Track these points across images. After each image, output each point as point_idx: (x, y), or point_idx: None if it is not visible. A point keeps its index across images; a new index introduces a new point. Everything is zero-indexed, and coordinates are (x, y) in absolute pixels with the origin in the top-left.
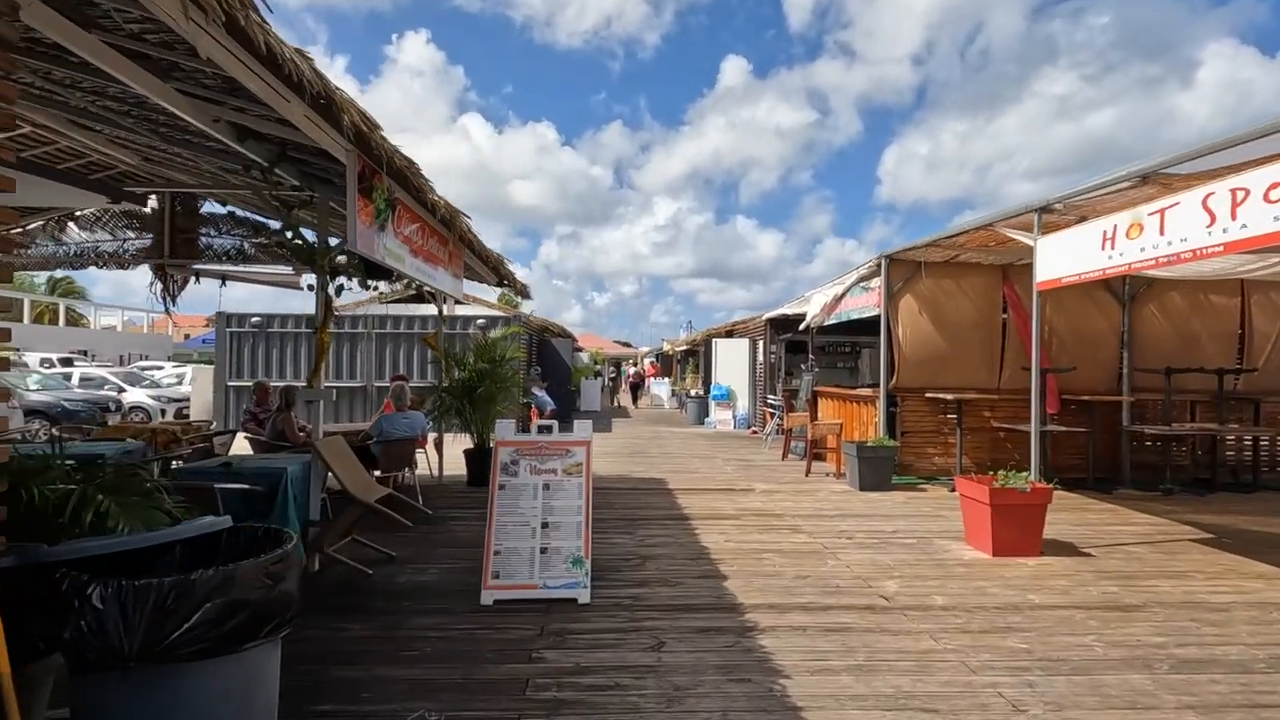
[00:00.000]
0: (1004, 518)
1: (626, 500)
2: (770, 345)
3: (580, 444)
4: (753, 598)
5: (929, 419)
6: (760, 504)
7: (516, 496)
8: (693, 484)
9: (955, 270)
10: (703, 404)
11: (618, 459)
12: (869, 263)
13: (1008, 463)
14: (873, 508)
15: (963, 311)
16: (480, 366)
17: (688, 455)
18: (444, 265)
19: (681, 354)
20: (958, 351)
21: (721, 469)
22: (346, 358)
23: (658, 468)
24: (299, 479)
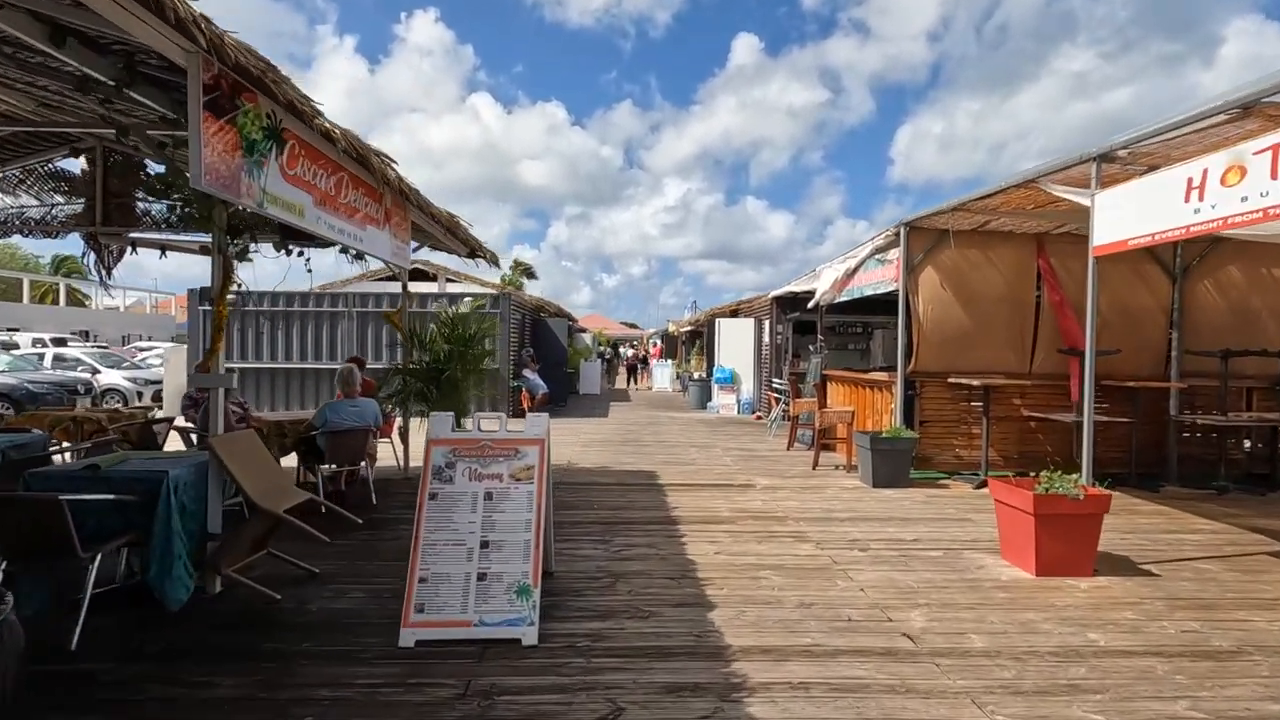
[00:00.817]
0: (1051, 530)
1: (608, 499)
2: (777, 325)
3: (532, 443)
4: (743, 637)
5: (951, 407)
6: (761, 504)
7: (451, 508)
8: (686, 478)
9: (983, 240)
10: (705, 387)
11: (608, 448)
12: (886, 232)
13: (1038, 456)
14: (889, 509)
15: (991, 287)
16: (444, 347)
17: (685, 444)
18: (378, 225)
19: (686, 335)
20: (985, 332)
21: (720, 460)
22: (326, 339)
23: (650, 458)
24: (190, 484)
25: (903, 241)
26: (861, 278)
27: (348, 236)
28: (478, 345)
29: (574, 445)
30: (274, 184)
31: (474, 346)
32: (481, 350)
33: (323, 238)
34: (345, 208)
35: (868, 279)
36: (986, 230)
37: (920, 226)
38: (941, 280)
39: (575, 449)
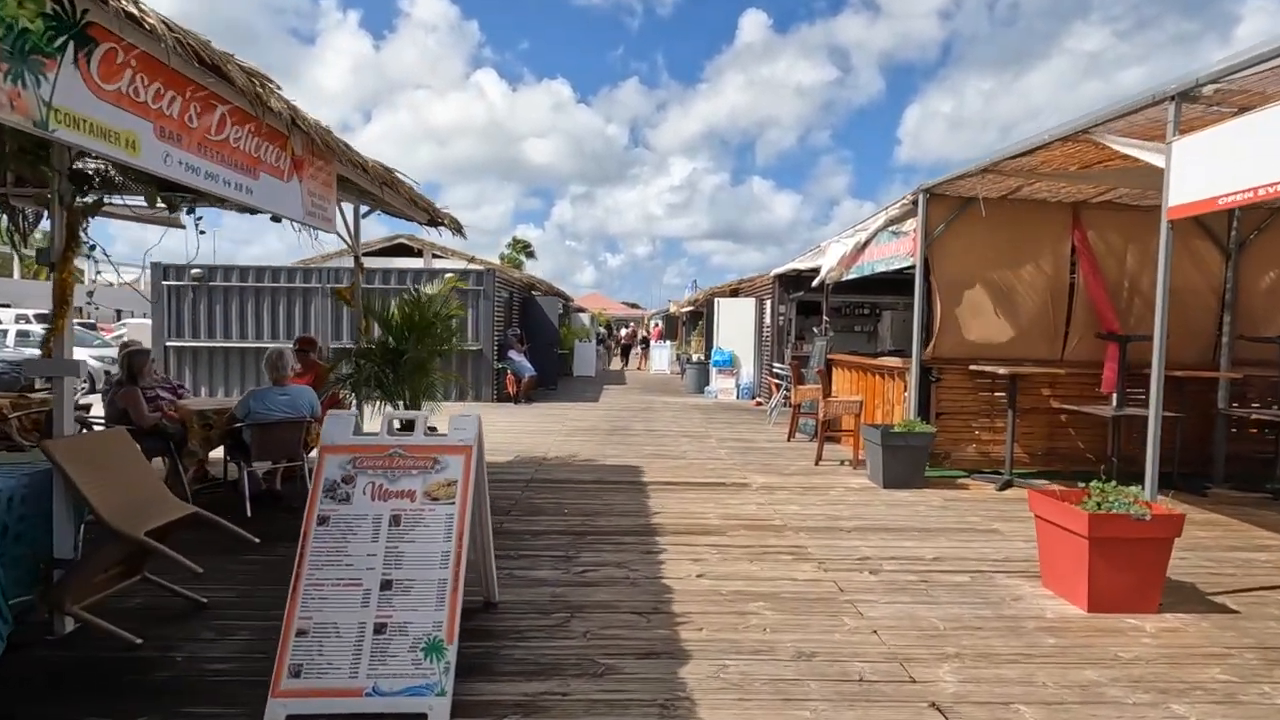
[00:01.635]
0: (1109, 557)
1: (582, 501)
2: (779, 305)
3: (457, 450)
4: (723, 708)
5: (971, 397)
6: (755, 508)
7: (345, 536)
8: (675, 475)
9: (1012, 210)
10: (702, 371)
11: (592, 438)
12: (902, 200)
13: (1069, 453)
14: (902, 515)
15: (1020, 263)
16: (403, 328)
17: (677, 433)
18: (281, 176)
19: (687, 316)
20: (1012, 314)
21: (714, 453)
22: (300, 316)
23: (637, 450)
24: (22, 498)
25: (921, 211)
26: (873, 252)
27: (231, 187)
28: (443, 325)
29: (556, 434)
30: (74, 99)
31: (438, 327)
32: (447, 331)
33: (194, 188)
34: (222, 148)
35: (880, 254)
36: (1016, 198)
37: (942, 194)
38: (964, 255)
39: (556, 439)
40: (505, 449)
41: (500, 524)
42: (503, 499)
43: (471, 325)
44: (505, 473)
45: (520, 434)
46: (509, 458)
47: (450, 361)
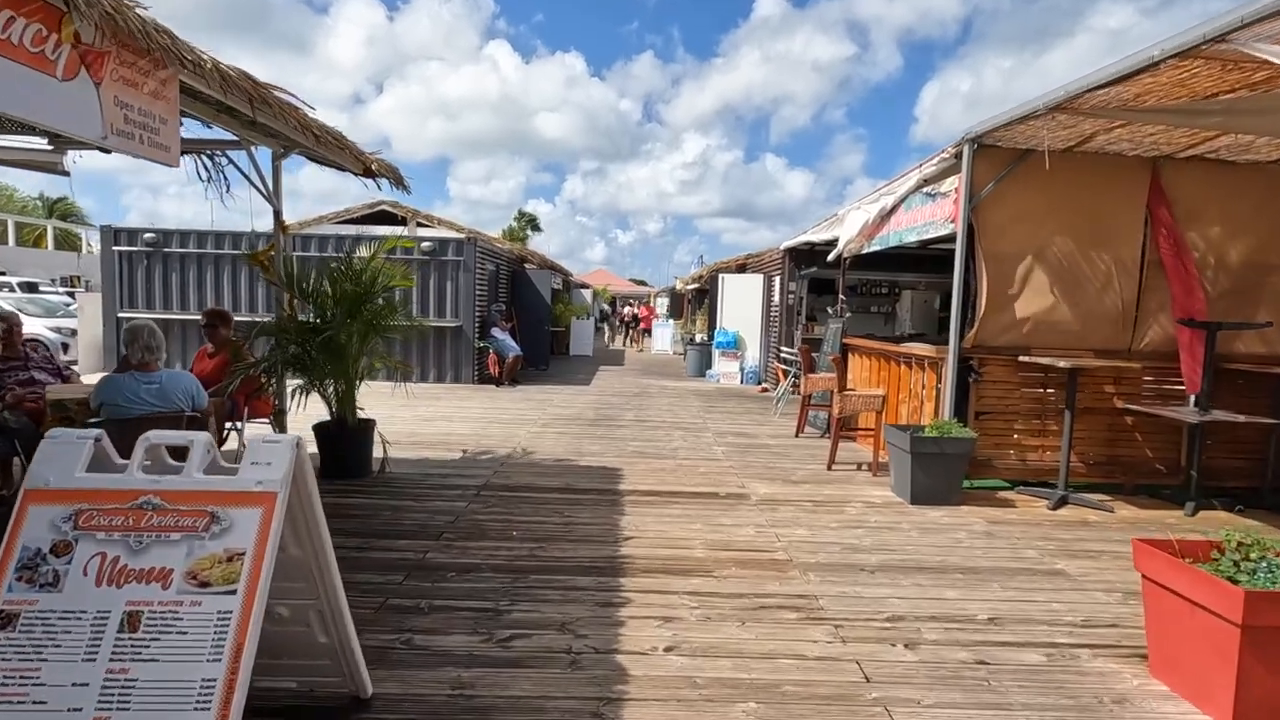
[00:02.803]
0: (1273, 656)
1: (536, 520)
2: (789, 282)
3: (250, 499)
4: None
5: (1018, 394)
6: (754, 531)
7: (39, 650)
8: (660, 480)
9: (1077, 166)
10: (705, 352)
11: (573, 429)
12: (942, 153)
13: (1134, 463)
14: (939, 545)
15: (1084, 231)
16: (328, 298)
17: (669, 425)
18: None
19: (693, 293)
20: (1071, 294)
21: (710, 451)
22: (266, 287)
23: (621, 446)
24: None
25: (966, 166)
26: (901, 218)
27: None
28: (380, 298)
29: (532, 424)
30: None
31: (373, 300)
32: (390, 305)
33: None
34: None
35: (910, 220)
36: (1085, 151)
37: (993, 144)
38: (1017, 221)
39: (531, 429)
40: (467, 442)
41: (423, 556)
42: (441, 515)
43: (450, 300)
44: (457, 475)
45: (491, 423)
46: (469, 453)
47: (396, 341)
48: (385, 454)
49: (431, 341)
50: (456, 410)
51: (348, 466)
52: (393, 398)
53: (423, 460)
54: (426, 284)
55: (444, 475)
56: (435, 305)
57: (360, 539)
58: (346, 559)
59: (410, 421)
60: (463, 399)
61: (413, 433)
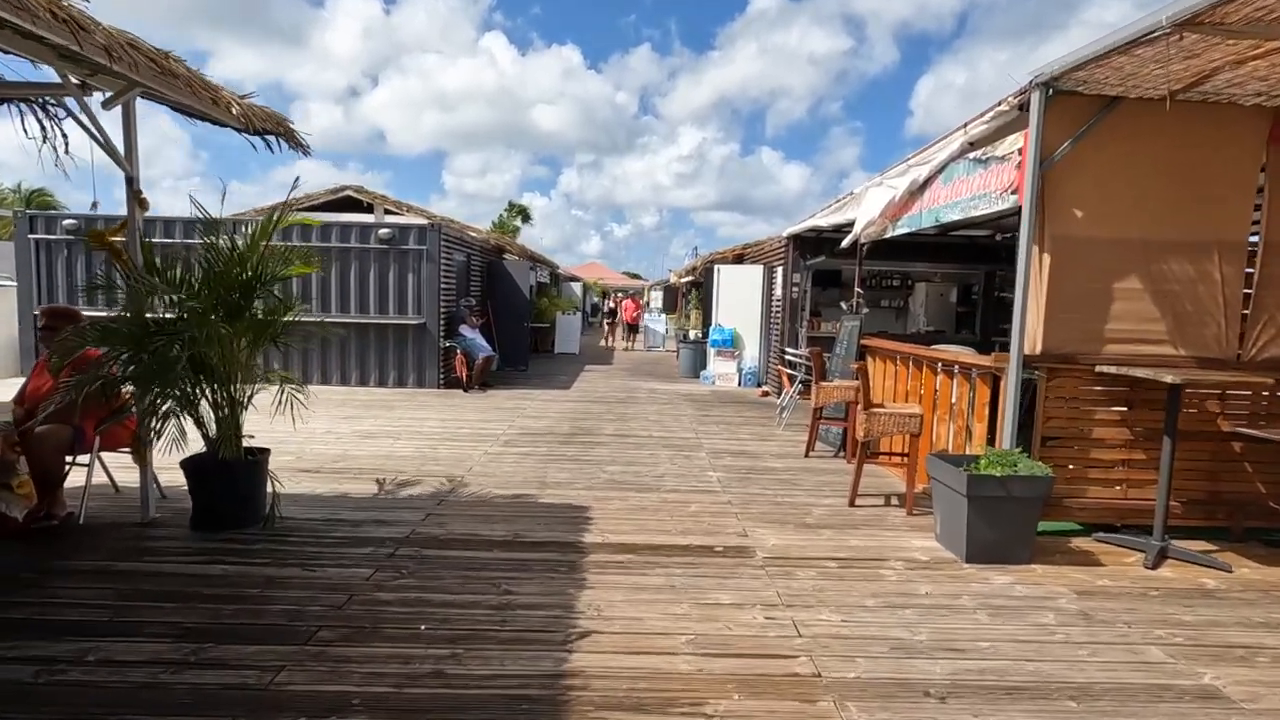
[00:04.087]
0: None
1: (461, 600)
2: (792, 274)
3: None
4: None
5: (1095, 414)
6: (762, 618)
7: None
8: (639, 525)
9: (1179, 119)
10: (699, 351)
11: (538, 448)
12: (996, 106)
13: (1244, 500)
14: (1025, 642)
15: (1181, 206)
16: (197, 287)
17: (656, 441)
18: None
19: (687, 286)
20: (1163, 288)
21: (703, 477)
22: None
23: (595, 473)
24: None
25: (1036, 118)
26: (939, 193)
27: None
28: (262, 288)
29: (493, 441)
30: None
31: (260, 292)
32: (287, 300)
33: None
34: None
35: (951, 194)
36: (1188, 102)
37: (1072, 89)
38: (1097, 192)
39: (490, 449)
40: (407, 467)
41: (270, 681)
42: (329, 593)
43: (412, 294)
44: (377, 521)
45: (445, 439)
46: (403, 485)
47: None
48: (275, 497)
49: (391, 341)
50: (409, 423)
51: (224, 515)
52: (342, 407)
53: (340, 498)
54: (385, 277)
55: (359, 522)
56: (395, 300)
57: (191, 643)
58: (148, 688)
59: (347, 440)
60: (420, 408)
61: (343, 456)
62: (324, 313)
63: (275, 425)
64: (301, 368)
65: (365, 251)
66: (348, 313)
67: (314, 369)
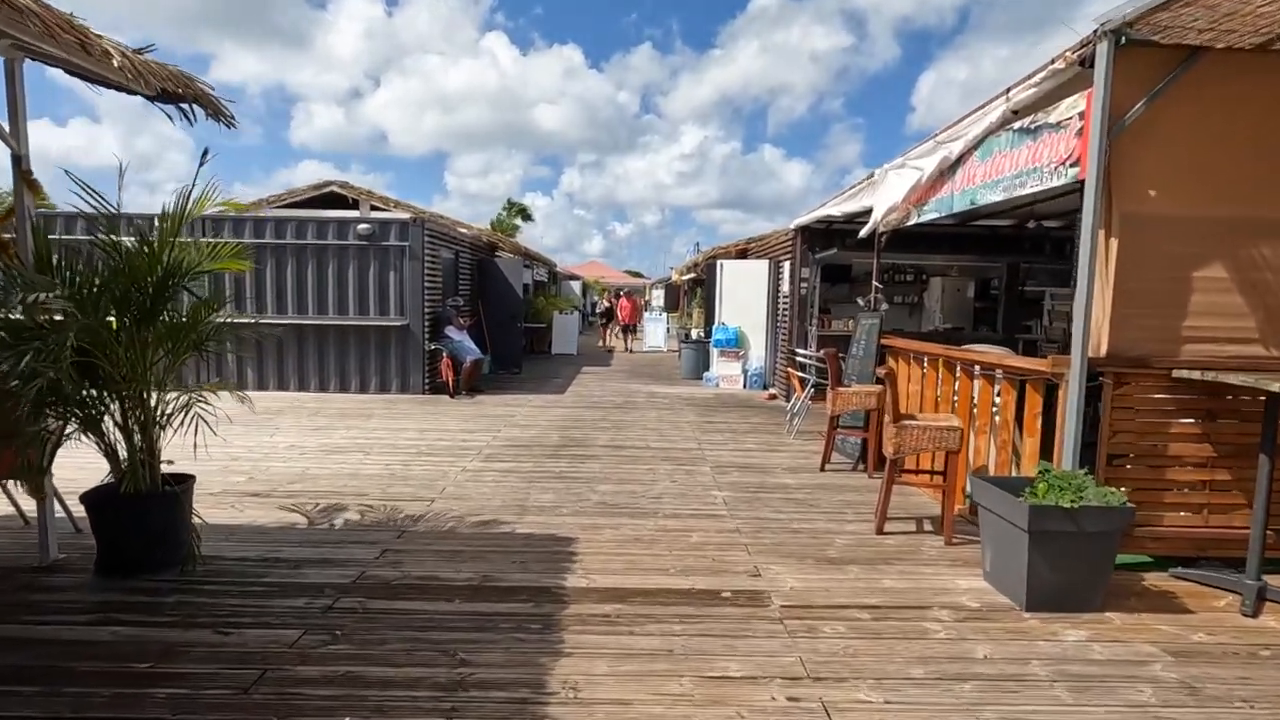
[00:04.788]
0: None
1: (403, 677)
2: (801, 268)
3: None
4: None
5: (1171, 426)
6: (783, 699)
7: None
8: (631, 563)
9: (1275, 76)
10: (701, 351)
11: (522, 464)
12: (1050, 64)
13: None
14: None
15: (1276, 181)
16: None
17: (656, 453)
18: None
19: (688, 284)
20: (1252, 277)
21: (707, 498)
22: None
23: (584, 495)
24: None
25: (1103, 74)
26: (976, 170)
27: None
28: (166, 292)
29: (473, 455)
30: None
31: (175, 292)
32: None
33: None
34: None
35: (991, 170)
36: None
37: (1148, 40)
38: (1175, 163)
39: (469, 465)
40: (370, 489)
41: None
42: (238, 667)
43: (394, 293)
44: (320, 561)
45: (420, 454)
46: (363, 511)
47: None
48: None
49: (372, 344)
50: (384, 435)
51: (133, 558)
52: (314, 416)
53: (286, 529)
54: (364, 275)
55: (300, 562)
56: (376, 300)
57: None
58: None
59: (311, 455)
60: (400, 417)
61: (302, 475)
62: (300, 314)
63: (233, 439)
64: (276, 374)
65: (344, 249)
66: (325, 314)
67: (289, 375)
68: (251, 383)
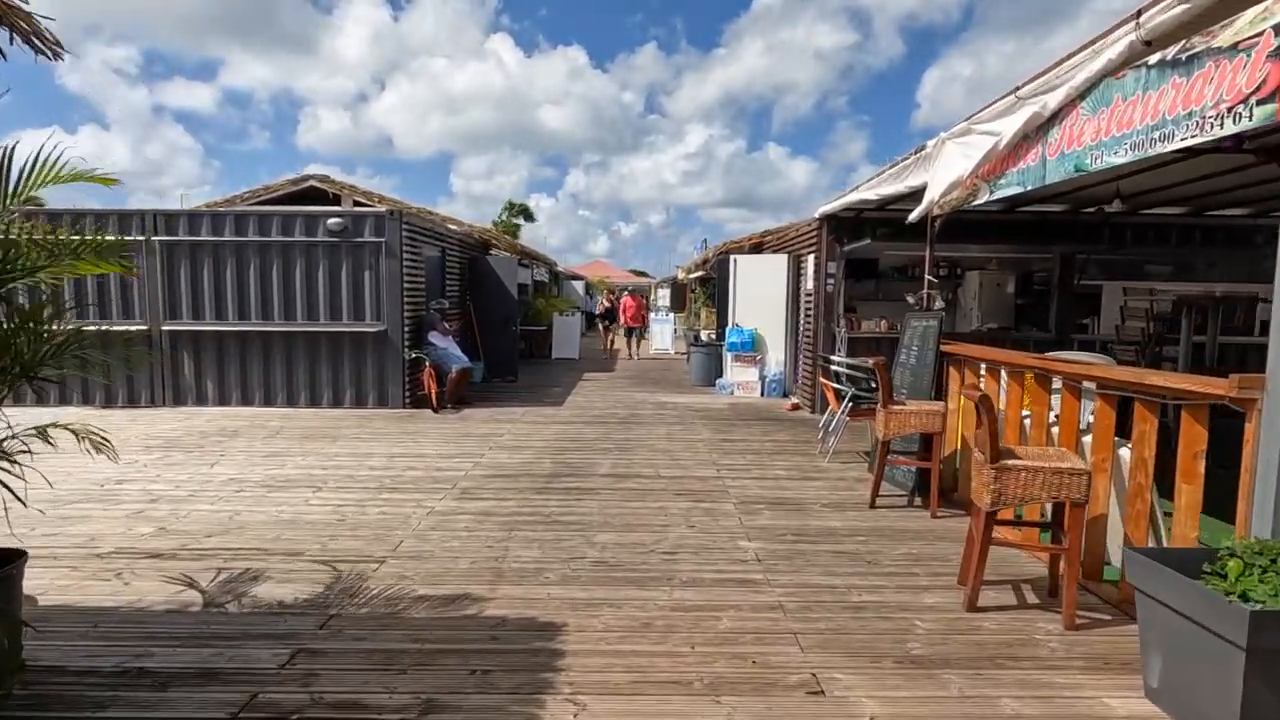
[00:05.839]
0: None
1: None
2: (827, 262)
3: None
4: None
5: None
6: None
7: None
8: (634, 679)
9: None
10: (713, 356)
11: (505, 502)
12: None
13: None
14: None
15: None
16: None
17: (667, 485)
18: None
19: (695, 282)
20: None
21: (735, 551)
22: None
23: (577, 551)
24: None
25: None
26: (1082, 128)
27: None
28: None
29: (447, 491)
30: None
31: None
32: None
33: None
34: None
35: (1107, 126)
36: None
37: None
38: None
39: (441, 504)
40: (304, 545)
41: None
42: None
43: (370, 295)
44: (213, 664)
45: (383, 488)
46: (286, 580)
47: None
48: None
49: (346, 353)
50: (345, 462)
51: None
52: (272, 439)
53: (174, 614)
54: (336, 275)
55: (171, 676)
56: (350, 304)
57: None
58: None
59: (249, 492)
60: (371, 437)
61: (227, 523)
62: (265, 320)
63: (165, 473)
64: (239, 388)
65: (312, 247)
66: (293, 320)
67: (254, 389)
68: (211, 398)
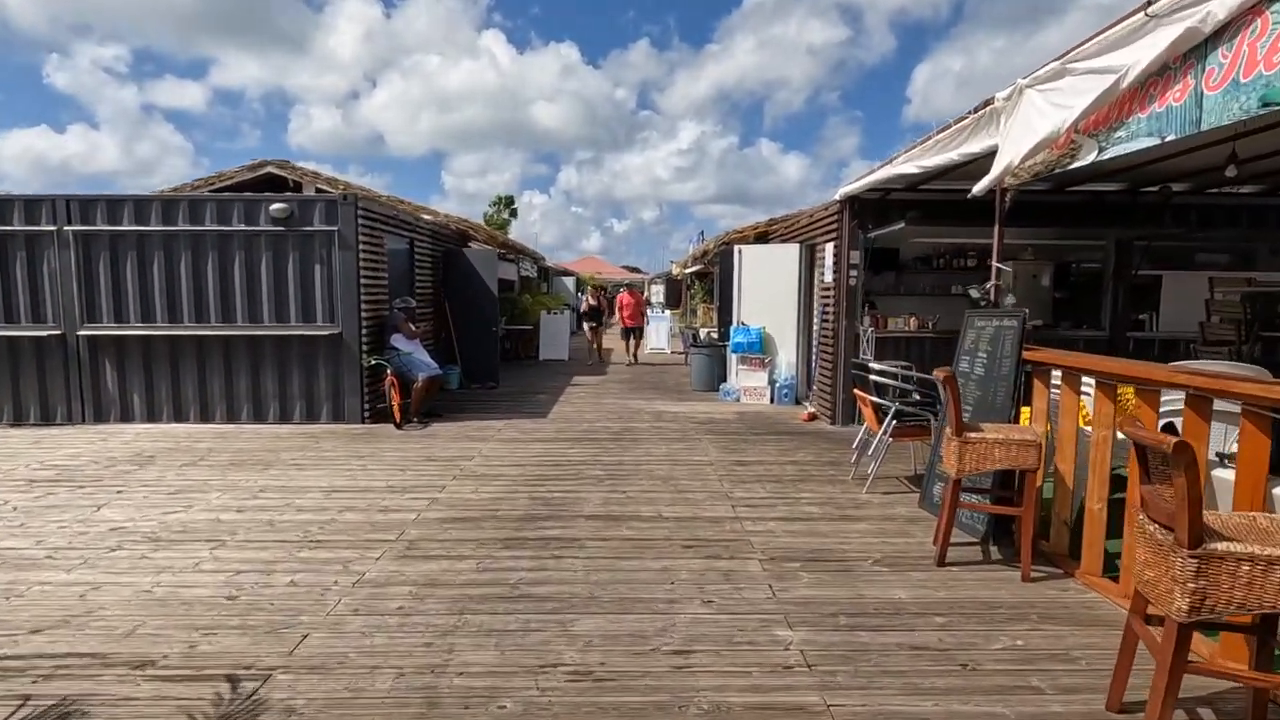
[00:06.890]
0: None
1: None
2: (850, 251)
3: None
4: None
5: None
6: None
7: None
8: None
9: None
10: (716, 357)
11: (460, 565)
12: None
13: None
14: None
15: None
16: None
17: (671, 532)
18: None
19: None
20: None
21: (773, 652)
22: (26, 280)
23: (551, 651)
24: None
25: None
26: (1266, 43)
27: None
28: None
29: (390, 541)
30: None
31: None
32: None
33: None
34: None
35: None
36: None
37: None
38: None
39: (377, 568)
40: (170, 640)
41: None
42: None
43: (321, 292)
44: None
45: (303, 543)
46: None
47: None
48: None
49: (295, 359)
50: (269, 500)
51: None
52: (191, 467)
53: None
54: (282, 270)
55: None
56: (298, 302)
57: None
58: None
59: (124, 553)
60: (313, 464)
61: (73, 608)
62: (198, 323)
63: (31, 518)
64: (171, 402)
65: (254, 236)
66: (232, 321)
67: (188, 403)
68: (138, 413)
